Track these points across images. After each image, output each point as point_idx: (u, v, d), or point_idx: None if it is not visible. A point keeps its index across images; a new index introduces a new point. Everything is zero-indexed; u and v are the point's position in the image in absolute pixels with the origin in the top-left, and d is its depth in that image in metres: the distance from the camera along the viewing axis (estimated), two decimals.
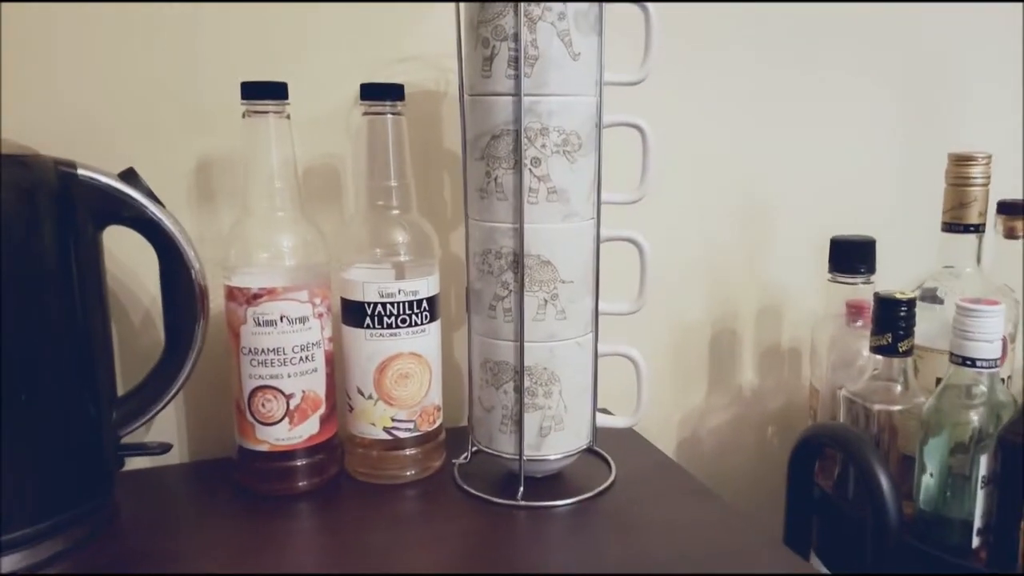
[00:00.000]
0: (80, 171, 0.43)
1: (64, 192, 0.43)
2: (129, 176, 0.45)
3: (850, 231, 0.60)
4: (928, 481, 0.48)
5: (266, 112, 0.47)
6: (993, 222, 0.57)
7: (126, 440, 0.48)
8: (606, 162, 0.49)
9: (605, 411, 0.59)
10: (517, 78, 0.45)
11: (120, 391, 0.49)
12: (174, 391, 0.47)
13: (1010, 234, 0.57)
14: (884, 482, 0.47)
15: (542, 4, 0.44)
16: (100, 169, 0.44)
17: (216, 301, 0.49)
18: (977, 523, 0.47)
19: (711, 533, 0.47)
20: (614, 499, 0.50)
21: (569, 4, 0.44)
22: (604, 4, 0.46)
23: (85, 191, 0.43)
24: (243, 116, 0.48)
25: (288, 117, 0.48)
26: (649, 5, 0.47)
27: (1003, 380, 0.54)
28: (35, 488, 0.42)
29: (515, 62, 0.45)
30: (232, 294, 0.48)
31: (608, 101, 0.48)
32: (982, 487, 0.46)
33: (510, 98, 0.45)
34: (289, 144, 0.49)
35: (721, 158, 0.67)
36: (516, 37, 0.44)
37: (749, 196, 0.68)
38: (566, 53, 0.45)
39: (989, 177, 0.54)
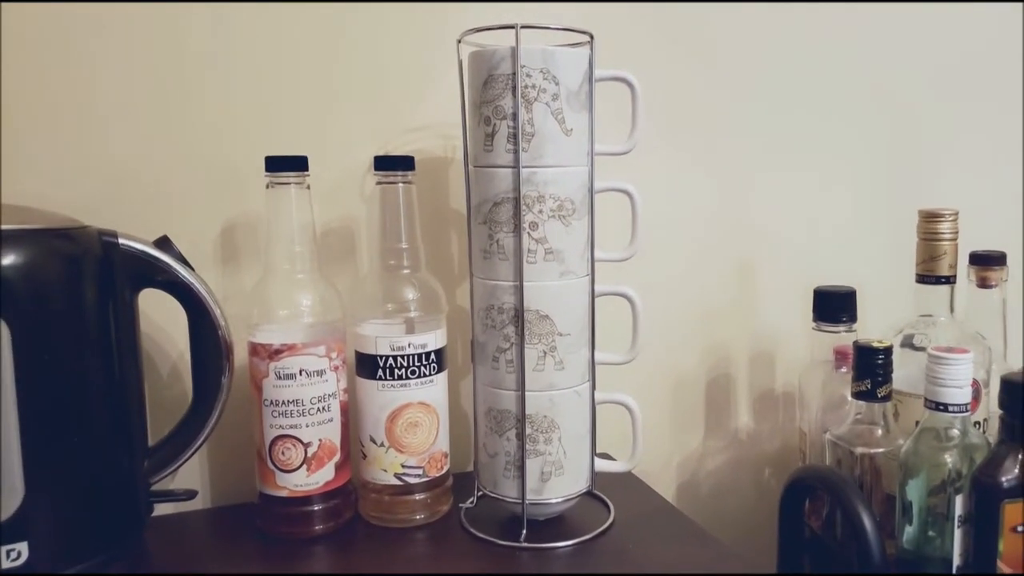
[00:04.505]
0: (121, 240, 0.48)
1: (106, 259, 0.47)
2: (163, 243, 0.50)
3: (835, 281, 0.64)
4: (908, 521, 0.51)
5: (288, 183, 0.52)
6: (966, 272, 0.61)
7: (154, 487, 0.51)
8: (601, 220, 0.53)
9: (606, 455, 0.62)
10: (516, 152, 0.49)
11: (149, 440, 0.52)
12: (202, 440, 0.51)
13: (983, 284, 0.61)
14: (867, 523, 0.49)
15: (538, 87, 0.49)
16: (138, 237, 0.49)
17: (239, 355, 0.53)
18: (956, 561, 0.49)
19: (706, 573, 0.49)
20: (613, 541, 0.53)
21: (562, 86, 0.49)
22: (595, 84, 0.51)
23: (125, 258, 0.48)
24: (267, 187, 0.52)
25: (308, 188, 0.53)
26: (633, 80, 0.52)
27: (977, 424, 0.57)
28: (75, 532, 0.46)
29: (514, 138, 0.49)
30: (255, 350, 0.52)
31: (601, 164, 0.52)
32: (959, 526, 0.49)
33: (510, 170, 0.50)
34: (308, 211, 0.53)
35: (710, 215, 0.71)
36: (515, 116, 0.49)
37: (737, 250, 0.72)
38: (559, 129, 0.50)
39: (957, 232, 0.57)
